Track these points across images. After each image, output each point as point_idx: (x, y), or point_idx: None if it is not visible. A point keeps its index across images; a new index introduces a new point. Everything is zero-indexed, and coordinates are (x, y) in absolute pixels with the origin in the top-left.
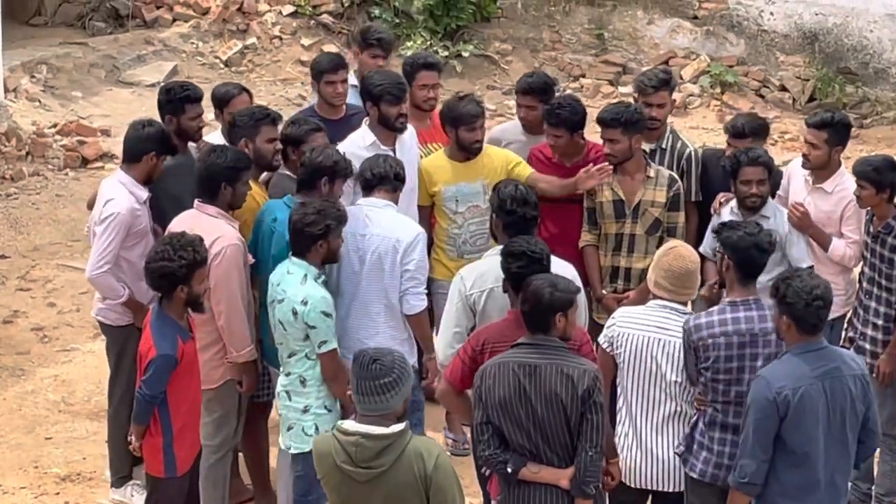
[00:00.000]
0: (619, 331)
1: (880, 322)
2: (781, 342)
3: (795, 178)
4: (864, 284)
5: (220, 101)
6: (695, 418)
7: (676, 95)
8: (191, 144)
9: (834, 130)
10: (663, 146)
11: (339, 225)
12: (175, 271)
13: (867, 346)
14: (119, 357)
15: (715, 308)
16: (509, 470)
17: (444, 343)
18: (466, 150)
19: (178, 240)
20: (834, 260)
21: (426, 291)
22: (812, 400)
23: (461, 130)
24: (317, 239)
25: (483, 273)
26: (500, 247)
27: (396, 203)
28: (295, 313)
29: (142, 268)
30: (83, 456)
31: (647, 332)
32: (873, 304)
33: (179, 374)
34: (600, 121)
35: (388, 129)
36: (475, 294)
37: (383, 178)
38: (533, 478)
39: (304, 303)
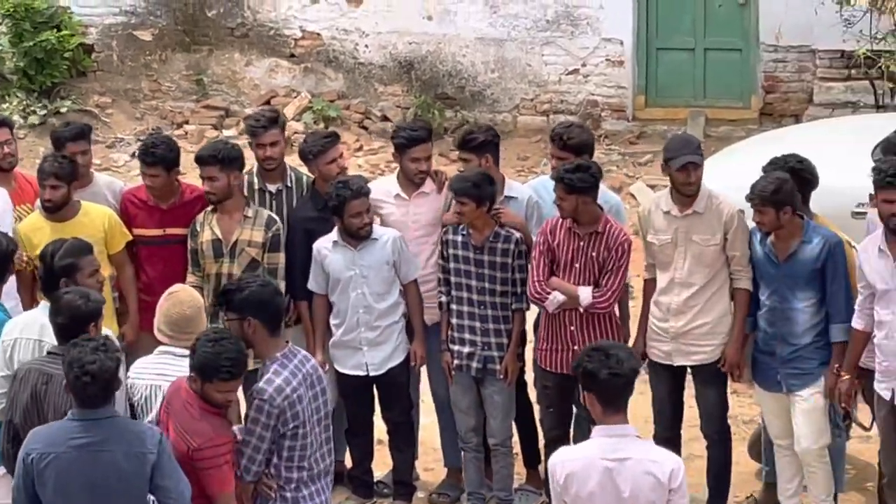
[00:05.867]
0: (130, 381)
1: (503, 327)
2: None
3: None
4: (475, 297)
5: None
6: None
7: None
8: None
9: None
10: (288, 184)
11: None
12: None
13: (495, 353)
14: None
15: None
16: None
17: None
18: (47, 210)
19: None
20: None
21: None
22: (61, 470)
23: (43, 188)
24: None
25: (17, 324)
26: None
27: None
28: None
29: None
30: None
31: (150, 380)
32: (482, 312)
33: None
34: (198, 159)
35: None
36: (5, 342)
37: None
38: None
39: None
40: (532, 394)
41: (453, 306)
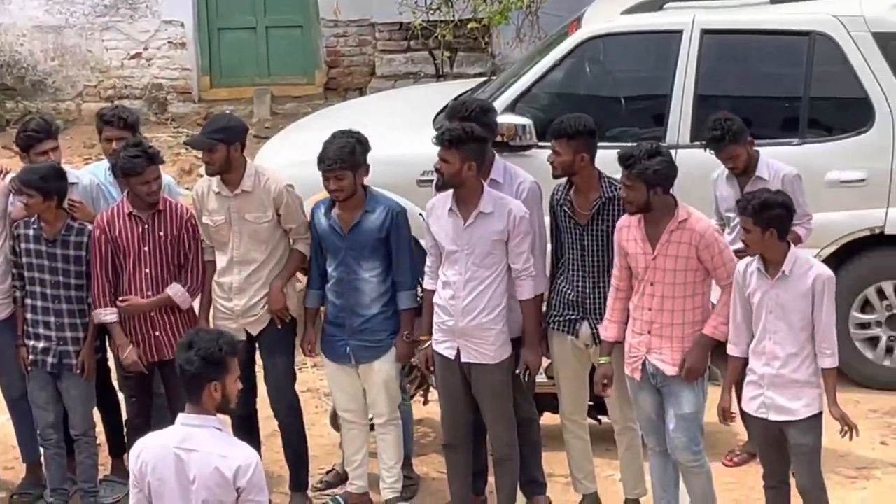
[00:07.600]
0: None
1: (79, 321)
2: None
3: None
4: (49, 291)
5: None
6: None
7: None
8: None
9: None
10: None
11: None
12: None
13: (71, 348)
14: None
15: None
16: None
17: None
18: None
19: None
20: None
21: None
22: None
23: None
24: None
25: None
26: None
27: None
28: None
29: None
30: None
31: None
32: (56, 306)
33: None
34: None
35: None
36: None
37: None
38: None
39: None
40: (115, 381)
41: (28, 301)
